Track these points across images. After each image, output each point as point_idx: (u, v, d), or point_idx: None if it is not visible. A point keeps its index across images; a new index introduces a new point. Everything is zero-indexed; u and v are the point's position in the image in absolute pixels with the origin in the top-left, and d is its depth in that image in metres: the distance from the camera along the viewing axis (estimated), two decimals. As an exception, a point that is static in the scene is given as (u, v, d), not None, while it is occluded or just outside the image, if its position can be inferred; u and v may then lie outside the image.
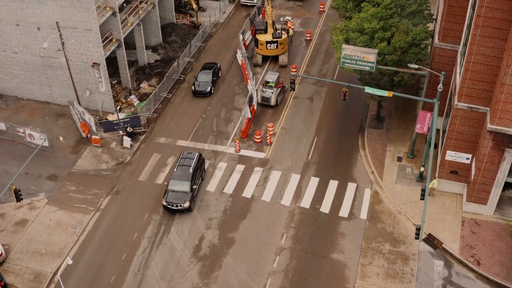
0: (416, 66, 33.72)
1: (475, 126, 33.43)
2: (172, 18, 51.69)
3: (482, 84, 31.68)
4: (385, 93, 34.47)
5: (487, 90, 31.83)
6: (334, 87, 44.86)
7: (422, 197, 30.26)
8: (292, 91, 38.49)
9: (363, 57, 35.23)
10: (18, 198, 31.31)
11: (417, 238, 28.95)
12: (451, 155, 35.02)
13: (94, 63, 39.74)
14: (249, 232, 34.21)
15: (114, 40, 42.39)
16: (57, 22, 38.16)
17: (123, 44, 42.81)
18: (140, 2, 45.61)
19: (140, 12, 45.33)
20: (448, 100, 37.94)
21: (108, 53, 41.64)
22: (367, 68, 35.14)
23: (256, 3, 54.59)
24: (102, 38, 41.11)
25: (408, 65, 33.84)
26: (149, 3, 46.68)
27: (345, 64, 35.53)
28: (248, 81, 43.92)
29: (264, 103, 42.92)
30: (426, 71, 34.64)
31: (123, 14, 44.28)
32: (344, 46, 35.14)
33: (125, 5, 45.31)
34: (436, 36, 37.81)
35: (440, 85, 32.18)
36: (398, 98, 40.79)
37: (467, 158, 34.90)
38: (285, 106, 43.38)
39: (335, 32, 39.24)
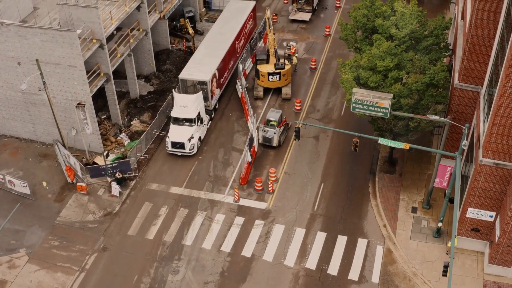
0: (437, 117, 30.21)
1: (501, 183, 29.90)
2: (167, 44, 47.96)
3: (512, 139, 28.31)
4: (401, 145, 31.04)
5: (517, 146, 28.44)
6: (341, 124, 41.25)
7: (444, 273, 26.86)
8: (296, 139, 34.80)
9: (376, 102, 31.77)
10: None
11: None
12: (473, 213, 31.57)
13: (78, 104, 36.23)
14: (249, 298, 30.97)
15: (102, 74, 38.84)
16: (37, 60, 34.62)
17: (112, 78, 39.26)
18: (132, 30, 42.10)
19: (131, 40, 41.71)
20: (469, 147, 34.52)
21: (95, 89, 38.09)
22: (380, 114, 31.70)
23: (192, 119, 38.82)
24: (89, 72, 37.68)
25: (428, 115, 30.30)
26: (141, 30, 43.02)
27: (356, 110, 32.06)
28: (249, 117, 40.39)
29: (266, 144, 39.48)
30: (447, 120, 31.09)
31: (113, 43, 40.77)
32: (355, 90, 31.68)
33: (115, 32, 41.80)
34: (456, 76, 34.30)
35: (465, 142, 28.67)
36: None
37: (491, 216, 31.46)
38: (289, 147, 39.81)
39: (344, 70, 35.65)
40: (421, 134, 38.94)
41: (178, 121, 39.58)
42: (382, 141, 31.09)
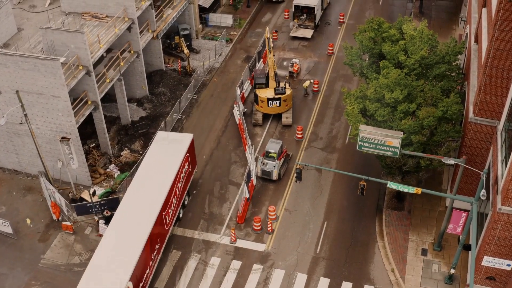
0: (453, 161, 27.70)
1: (522, 232, 27.57)
2: (161, 65, 45.17)
3: (534, 187, 25.73)
4: (413, 190, 28.52)
5: (540, 194, 25.90)
6: (346, 154, 38.70)
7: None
8: (298, 181, 32.19)
9: (385, 140, 29.28)
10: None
11: None
12: (489, 261, 29.04)
13: (63, 138, 33.65)
14: None
15: (89, 102, 36.30)
16: (17, 92, 32.07)
17: (100, 106, 36.63)
18: (122, 52, 39.45)
19: (122, 64, 39.06)
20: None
21: (82, 119, 35.53)
22: (389, 153, 29.17)
23: None
24: (76, 100, 35.17)
25: (443, 160, 27.73)
26: (132, 52, 40.40)
27: (363, 148, 29.52)
28: (247, 148, 37.81)
29: (265, 177, 36.86)
30: (462, 164, 28.46)
31: (102, 67, 38.13)
32: (361, 127, 29.10)
33: (105, 54, 39.14)
34: (471, 109, 31.72)
35: (483, 192, 26.11)
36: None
37: (508, 265, 28.99)
38: (289, 180, 37.15)
39: (349, 101, 33.10)
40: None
41: None
42: (391, 185, 28.47)
